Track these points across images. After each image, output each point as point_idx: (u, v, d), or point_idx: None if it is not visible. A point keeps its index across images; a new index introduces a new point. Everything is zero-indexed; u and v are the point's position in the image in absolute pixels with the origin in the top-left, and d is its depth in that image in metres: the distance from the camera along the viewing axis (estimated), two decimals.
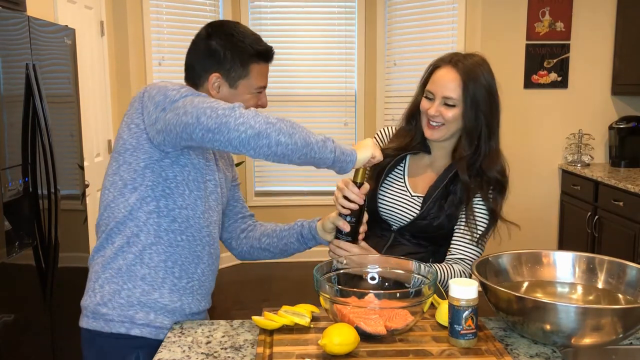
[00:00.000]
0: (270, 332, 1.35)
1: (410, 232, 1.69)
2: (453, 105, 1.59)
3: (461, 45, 4.36)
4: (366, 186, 1.52)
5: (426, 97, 1.63)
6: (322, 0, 4.91)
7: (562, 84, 4.26)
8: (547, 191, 4.38)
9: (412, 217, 1.67)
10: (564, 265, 1.54)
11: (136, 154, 1.41)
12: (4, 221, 2.27)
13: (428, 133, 1.64)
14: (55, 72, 2.76)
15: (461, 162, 1.64)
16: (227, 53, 1.46)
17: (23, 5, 2.70)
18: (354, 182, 1.51)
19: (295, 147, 1.31)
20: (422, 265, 1.48)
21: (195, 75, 1.50)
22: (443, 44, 4.46)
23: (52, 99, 2.67)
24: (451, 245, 1.65)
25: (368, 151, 1.44)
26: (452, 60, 1.61)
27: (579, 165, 4.19)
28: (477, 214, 1.63)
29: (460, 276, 1.60)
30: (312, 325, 1.38)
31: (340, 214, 1.54)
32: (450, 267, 1.61)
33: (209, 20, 1.59)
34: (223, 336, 1.39)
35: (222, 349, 1.32)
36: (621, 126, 4.12)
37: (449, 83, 1.58)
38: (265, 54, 1.50)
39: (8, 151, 2.32)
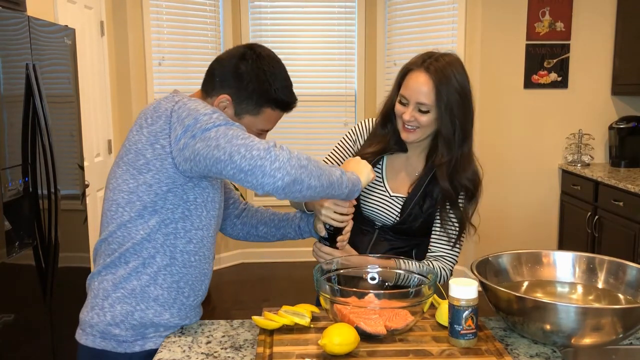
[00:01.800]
0: (270, 332, 1.35)
1: (392, 230, 1.72)
2: (427, 111, 1.58)
3: (461, 45, 4.36)
4: (353, 200, 1.53)
5: (400, 102, 1.63)
6: (322, 0, 4.91)
7: (562, 84, 4.26)
8: (547, 191, 4.38)
9: (393, 220, 1.70)
10: (564, 265, 1.54)
11: (159, 177, 1.34)
12: (4, 221, 2.27)
13: (404, 135, 1.64)
14: (55, 72, 2.76)
15: (441, 169, 1.64)
16: (250, 85, 1.40)
17: (23, 5, 2.70)
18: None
19: (322, 188, 1.31)
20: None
21: (210, 86, 1.44)
22: (443, 44, 4.46)
23: (52, 99, 2.67)
24: (430, 243, 1.70)
25: (365, 174, 1.49)
26: (424, 63, 1.59)
27: (579, 165, 4.19)
28: (451, 219, 1.65)
29: (441, 272, 1.64)
30: (312, 325, 1.38)
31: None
32: (430, 263, 1.65)
33: (209, 20, 1.58)
34: (223, 336, 1.39)
35: (222, 349, 1.32)
36: (621, 126, 4.12)
37: (421, 88, 1.56)
38: (284, 105, 1.45)
39: (8, 151, 2.32)
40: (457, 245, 1.68)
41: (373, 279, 1.53)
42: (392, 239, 1.72)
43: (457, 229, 1.66)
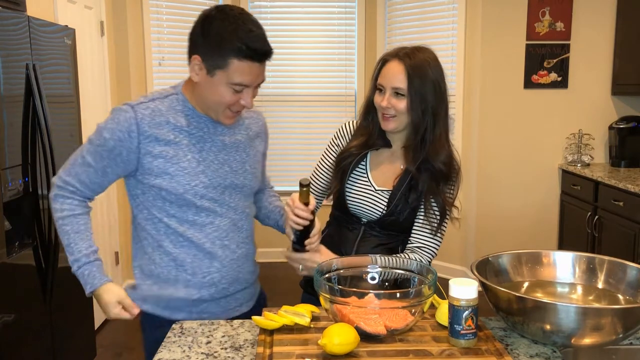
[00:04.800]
0: (270, 332, 1.35)
1: (379, 225, 1.73)
2: (403, 95, 1.63)
3: (461, 45, 4.36)
4: (312, 203, 1.56)
5: (378, 90, 1.69)
6: (322, 0, 4.91)
7: (562, 84, 4.26)
8: (547, 191, 4.38)
9: (379, 213, 1.72)
10: (564, 265, 1.54)
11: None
12: (4, 221, 2.27)
13: (383, 125, 1.69)
14: (55, 72, 2.76)
15: (407, 151, 1.70)
16: (213, 39, 1.40)
17: (23, 5, 2.70)
18: (301, 201, 1.56)
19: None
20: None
21: (188, 51, 1.47)
22: (443, 44, 4.46)
23: (52, 99, 2.67)
24: (411, 235, 1.72)
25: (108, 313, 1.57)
26: (399, 54, 1.66)
27: (579, 165, 4.19)
28: (433, 206, 1.68)
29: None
30: (312, 325, 1.38)
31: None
32: (407, 255, 1.68)
33: None
34: (223, 336, 1.39)
35: (222, 349, 1.32)
36: (621, 126, 4.12)
37: (396, 75, 1.63)
38: (250, 52, 1.38)
39: (8, 151, 2.32)
40: (438, 234, 1.70)
41: (373, 279, 1.53)
42: (378, 235, 1.74)
43: (439, 216, 1.68)
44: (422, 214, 1.70)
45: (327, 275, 1.47)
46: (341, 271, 1.51)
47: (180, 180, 1.48)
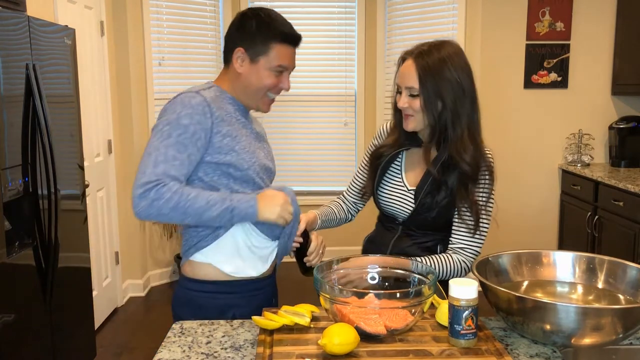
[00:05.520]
0: (270, 332, 1.35)
1: (414, 224, 1.73)
2: (417, 95, 1.62)
3: (461, 45, 4.36)
4: (301, 226, 1.64)
5: (397, 92, 1.69)
6: (322, 0, 4.91)
7: (562, 84, 4.26)
8: (547, 191, 4.38)
9: (409, 212, 1.71)
10: (564, 265, 1.54)
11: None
12: (4, 221, 2.27)
13: (404, 124, 1.69)
14: (55, 72, 2.76)
15: (427, 151, 1.69)
16: (253, 29, 1.58)
17: (23, 5, 2.70)
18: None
19: (186, 221, 1.53)
20: (419, 264, 1.50)
21: (227, 50, 1.63)
22: None
23: (52, 99, 2.67)
24: (451, 235, 1.70)
25: (270, 211, 1.54)
26: (415, 52, 1.65)
27: (579, 165, 4.19)
28: (465, 206, 1.66)
29: (460, 265, 1.66)
30: (312, 325, 1.38)
31: None
32: (450, 256, 1.67)
33: (209, 20, 1.66)
34: (223, 336, 1.39)
35: (222, 349, 1.32)
36: (621, 126, 4.12)
37: (409, 74, 1.63)
38: (288, 36, 1.60)
39: (8, 151, 2.32)
40: (477, 235, 1.66)
41: (373, 278, 1.53)
42: (415, 235, 1.73)
43: (473, 216, 1.64)
44: (457, 213, 1.67)
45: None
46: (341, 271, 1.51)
47: (244, 157, 1.58)
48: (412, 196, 1.71)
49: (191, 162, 1.51)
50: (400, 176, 1.75)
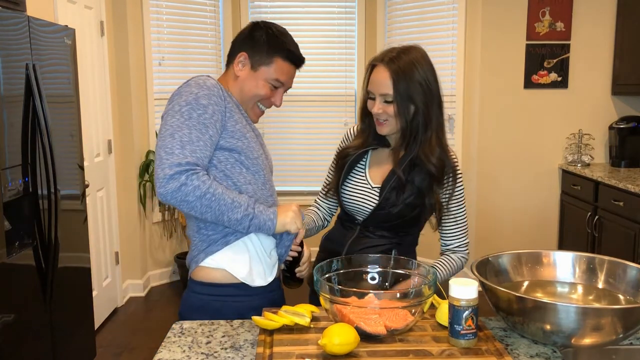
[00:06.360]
0: (270, 332, 1.35)
1: (373, 224, 1.75)
2: (392, 101, 1.65)
3: (461, 45, 4.36)
4: (301, 234, 1.62)
5: (369, 98, 1.72)
6: (322, 0, 4.91)
7: (562, 84, 4.26)
8: (547, 191, 4.38)
9: (371, 208, 1.74)
10: (564, 265, 1.54)
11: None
12: (4, 221, 2.27)
13: (378, 129, 1.73)
14: (55, 72, 2.76)
15: (394, 153, 1.74)
16: (262, 39, 1.61)
17: (23, 5, 2.70)
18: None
19: (210, 218, 1.51)
20: (423, 266, 1.49)
21: (231, 53, 1.66)
22: (443, 44, 4.46)
23: (52, 99, 2.67)
24: (443, 239, 1.81)
25: (282, 222, 1.57)
26: (385, 58, 1.67)
27: (579, 165, 4.19)
28: (429, 205, 1.73)
29: (462, 262, 1.80)
30: (312, 325, 1.38)
31: None
32: (450, 257, 1.78)
33: (209, 20, 1.67)
34: (223, 336, 1.39)
35: (222, 349, 1.32)
36: (621, 126, 4.12)
37: (383, 81, 1.65)
38: (292, 55, 1.63)
39: (8, 151, 2.32)
40: (465, 231, 1.82)
41: (373, 279, 1.53)
42: (372, 237, 1.76)
43: (437, 215, 1.75)
44: (447, 216, 1.77)
45: (327, 275, 1.47)
46: (341, 271, 1.51)
47: (253, 146, 1.60)
48: (377, 193, 1.74)
49: (212, 143, 1.51)
50: (363, 173, 1.79)
